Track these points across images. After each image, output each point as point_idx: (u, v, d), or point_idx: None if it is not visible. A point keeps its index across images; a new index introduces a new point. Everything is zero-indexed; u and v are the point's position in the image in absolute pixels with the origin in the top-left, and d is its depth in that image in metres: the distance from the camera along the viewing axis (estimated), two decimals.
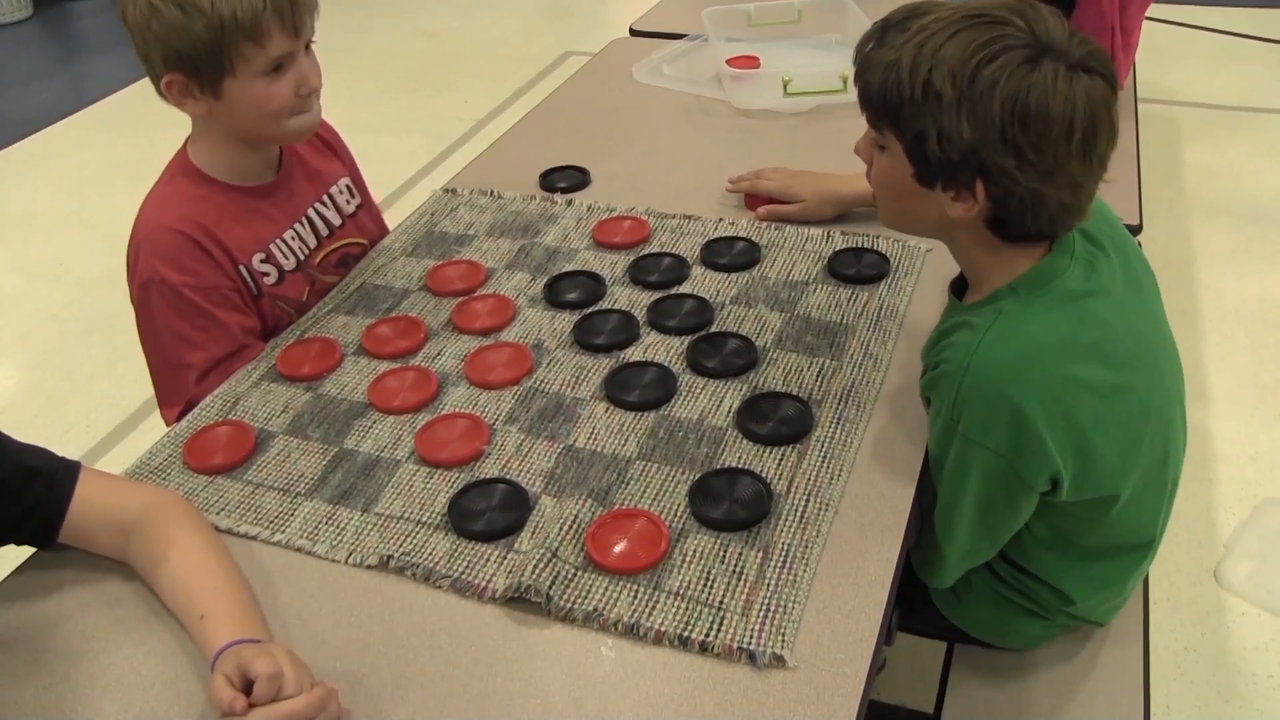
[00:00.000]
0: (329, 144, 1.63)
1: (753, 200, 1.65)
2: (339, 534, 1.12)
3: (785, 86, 1.89)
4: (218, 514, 1.16)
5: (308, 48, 1.41)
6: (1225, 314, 2.86)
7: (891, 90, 1.06)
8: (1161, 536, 1.29)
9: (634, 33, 2.41)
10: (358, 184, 1.67)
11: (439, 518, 1.13)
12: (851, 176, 1.52)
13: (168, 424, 1.40)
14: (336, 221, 1.58)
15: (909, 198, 1.12)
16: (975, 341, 1.09)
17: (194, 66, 1.33)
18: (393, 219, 1.73)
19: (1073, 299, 1.10)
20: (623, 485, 1.15)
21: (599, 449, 1.20)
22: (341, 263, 1.58)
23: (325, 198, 1.58)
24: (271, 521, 1.15)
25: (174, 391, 1.40)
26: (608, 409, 1.26)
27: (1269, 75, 4.16)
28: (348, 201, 1.62)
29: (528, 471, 1.18)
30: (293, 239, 1.51)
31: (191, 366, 1.38)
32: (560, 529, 1.08)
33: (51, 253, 3.52)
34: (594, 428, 1.24)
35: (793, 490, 1.13)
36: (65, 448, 1.11)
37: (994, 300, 1.12)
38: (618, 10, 5.37)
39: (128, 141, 4.25)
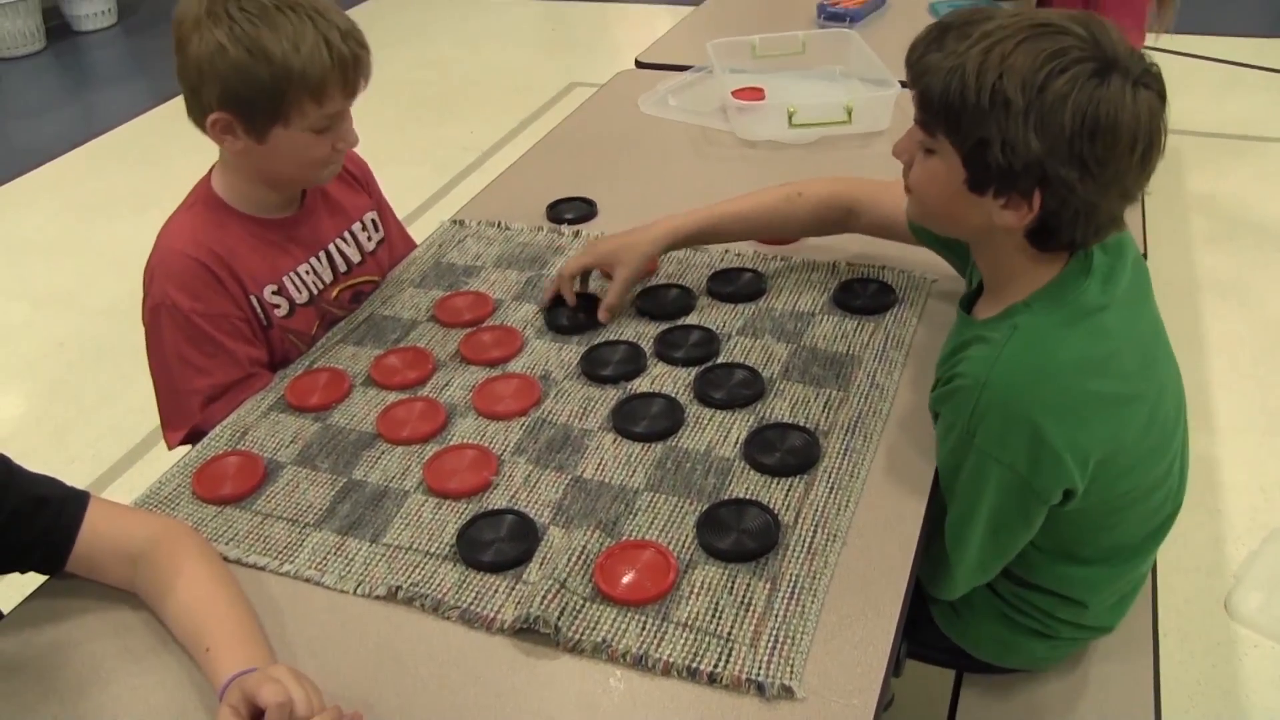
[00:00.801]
0: (357, 177, 1.65)
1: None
2: (348, 564, 1.13)
3: (790, 118, 1.91)
4: (227, 544, 1.16)
5: None
6: (1230, 341, 2.86)
7: (955, 95, 1.05)
8: (1166, 534, 1.29)
9: (640, 65, 2.42)
10: (384, 215, 1.69)
11: (447, 548, 1.13)
12: (688, 213, 1.53)
13: (170, 447, 1.42)
14: (356, 258, 1.60)
15: (954, 201, 1.12)
16: (993, 356, 1.09)
17: (249, 110, 1.34)
18: None
19: (1087, 314, 1.11)
20: (630, 516, 1.16)
21: (607, 480, 1.21)
22: (355, 299, 1.60)
23: (347, 233, 1.59)
24: (280, 552, 1.15)
25: (177, 415, 1.42)
26: (615, 440, 1.27)
27: (1271, 104, 4.18)
28: (370, 238, 1.63)
29: (536, 502, 1.18)
30: (307, 273, 1.52)
31: (197, 392, 1.40)
32: (569, 560, 1.08)
33: (60, 281, 3.54)
34: (602, 459, 1.24)
35: (800, 521, 1.14)
36: (72, 476, 1.11)
37: (1009, 316, 1.13)
38: (623, 41, 5.41)
39: (136, 172, 4.28)
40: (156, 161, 4.29)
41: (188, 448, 1.36)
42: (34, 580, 1.13)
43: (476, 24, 5.61)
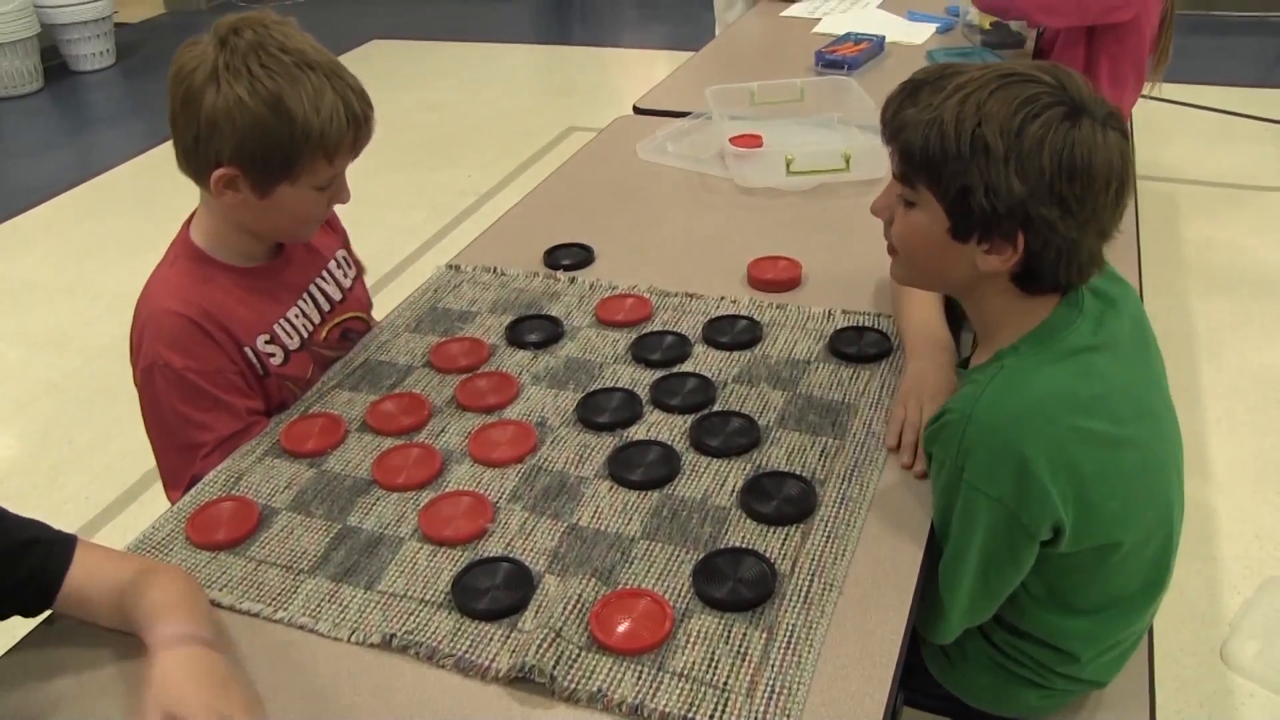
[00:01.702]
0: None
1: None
2: (342, 612, 1.12)
3: (788, 165, 1.92)
4: (220, 590, 1.15)
5: None
6: (1226, 390, 2.87)
7: (935, 145, 1.09)
8: (1162, 590, 1.29)
9: (638, 110, 2.44)
10: (350, 254, 1.69)
11: (442, 596, 1.12)
12: (932, 325, 1.44)
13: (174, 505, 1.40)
14: (337, 296, 1.59)
15: (938, 252, 1.15)
16: (978, 392, 1.12)
17: (259, 166, 1.33)
18: (395, 294, 1.75)
19: (1075, 353, 1.14)
20: (626, 564, 1.15)
21: (602, 528, 1.20)
22: (344, 338, 1.59)
23: (325, 273, 1.59)
24: (274, 599, 1.14)
25: (180, 474, 1.39)
26: (611, 488, 1.26)
27: (1266, 154, 4.21)
28: (345, 275, 1.63)
29: (531, 550, 1.18)
30: (296, 317, 1.52)
31: (199, 447, 1.38)
32: (564, 608, 1.08)
33: (54, 322, 3.54)
34: (598, 506, 1.24)
35: (797, 570, 1.13)
36: (64, 518, 1.11)
37: (998, 359, 1.16)
38: (621, 87, 5.46)
39: (132, 214, 4.30)
40: (153, 204, 4.30)
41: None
42: (15, 632, 1.12)
43: (475, 69, 5.66)
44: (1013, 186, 1.06)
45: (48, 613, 1.10)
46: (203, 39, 1.33)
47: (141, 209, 4.33)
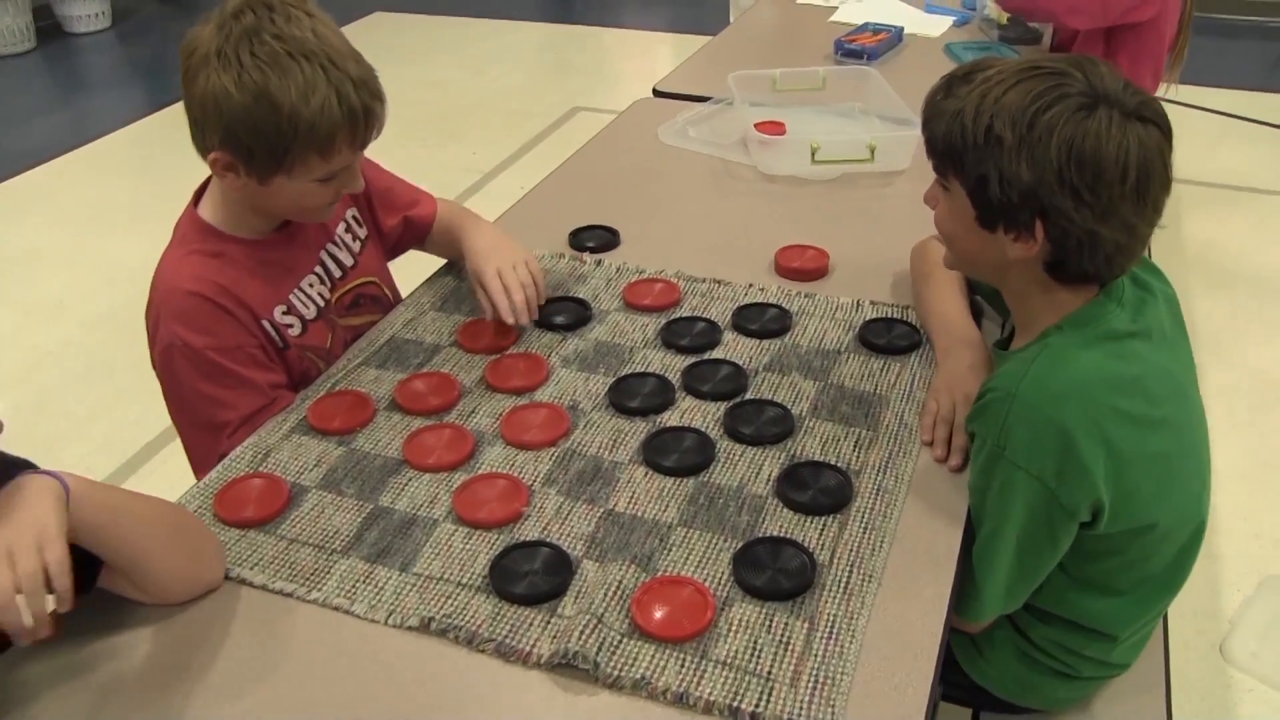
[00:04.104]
0: None
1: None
2: (378, 593, 1.11)
3: (813, 154, 1.91)
4: (252, 569, 1.15)
5: None
6: (1226, 389, 2.88)
7: (955, 136, 1.14)
8: (1189, 570, 1.31)
9: (657, 93, 2.43)
10: (378, 195, 1.63)
11: (480, 579, 1.12)
12: (956, 315, 1.44)
13: None
14: (349, 262, 1.57)
15: (972, 239, 1.20)
16: (1022, 370, 1.14)
17: (249, 156, 1.29)
18: (406, 269, 1.72)
19: (1115, 338, 1.17)
20: (665, 551, 1.15)
21: (639, 514, 1.20)
22: (355, 304, 1.57)
23: (336, 238, 1.56)
24: (307, 579, 1.13)
25: (208, 454, 1.37)
26: (647, 474, 1.26)
27: (1265, 156, 4.23)
28: (355, 238, 1.59)
29: (568, 535, 1.17)
30: (310, 286, 1.50)
31: (225, 426, 1.37)
32: (605, 595, 1.07)
33: (50, 291, 3.51)
34: (634, 492, 1.23)
35: (835, 561, 1.13)
36: None
37: (1041, 337, 1.18)
38: (625, 68, 5.45)
39: (129, 182, 4.26)
40: (151, 172, 4.26)
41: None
42: None
43: (477, 46, 5.62)
44: (1022, 175, 1.09)
45: None
46: (211, 16, 1.29)
47: (138, 176, 4.29)
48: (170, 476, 1.36)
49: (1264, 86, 4.81)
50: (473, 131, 4.52)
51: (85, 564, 1.05)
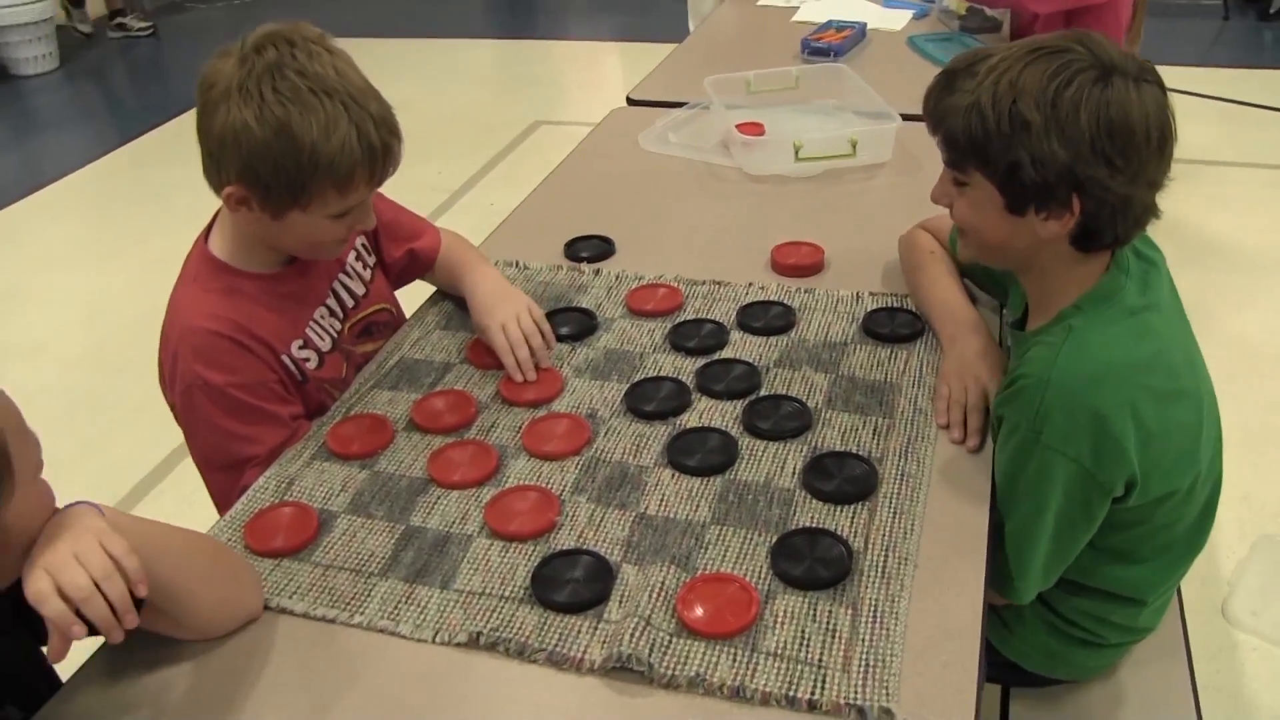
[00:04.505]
0: None
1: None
2: (421, 613, 1.12)
3: (797, 152, 1.94)
4: (290, 597, 1.15)
5: None
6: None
7: (977, 128, 1.14)
8: (1209, 530, 1.36)
9: (631, 102, 2.45)
10: (384, 226, 1.62)
11: (522, 591, 1.13)
12: (956, 306, 1.47)
13: None
14: (360, 291, 1.57)
15: (1000, 227, 1.20)
16: (1052, 356, 1.16)
17: (266, 191, 1.29)
18: (406, 287, 1.73)
19: (1132, 314, 1.19)
20: (702, 550, 1.16)
21: (671, 515, 1.21)
22: (365, 332, 1.58)
23: (347, 268, 1.56)
24: (349, 603, 1.14)
25: (233, 491, 1.35)
26: (674, 476, 1.28)
27: (1219, 130, 4.31)
28: (365, 266, 1.60)
29: (604, 540, 1.19)
30: (323, 318, 1.50)
31: (251, 461, 1.36)
32: (649, 597, 1.09)
33: (25, 332, 3.46)
34: (663, 495, 1.25)
35: (870, 547, 1.15)
36: None
37: (1061, 319, 1.20)
38: (583, 79, 5.46)
39: (87, 222, 4.22)
40: (113, 210, 4.23)
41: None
42: None
43: (433, 65, 5.60)
44: (1057, 154, 1.10)
45: None
46: (231, 50, 1.29)
47: (101, 215, 4.25)
48: (164, 513, 1.36)
49: (1205, 62, 4.91)
50: (437, 150, 4.52)
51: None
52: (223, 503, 1.40)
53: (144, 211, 4.07)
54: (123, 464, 2.78)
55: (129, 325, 3.18)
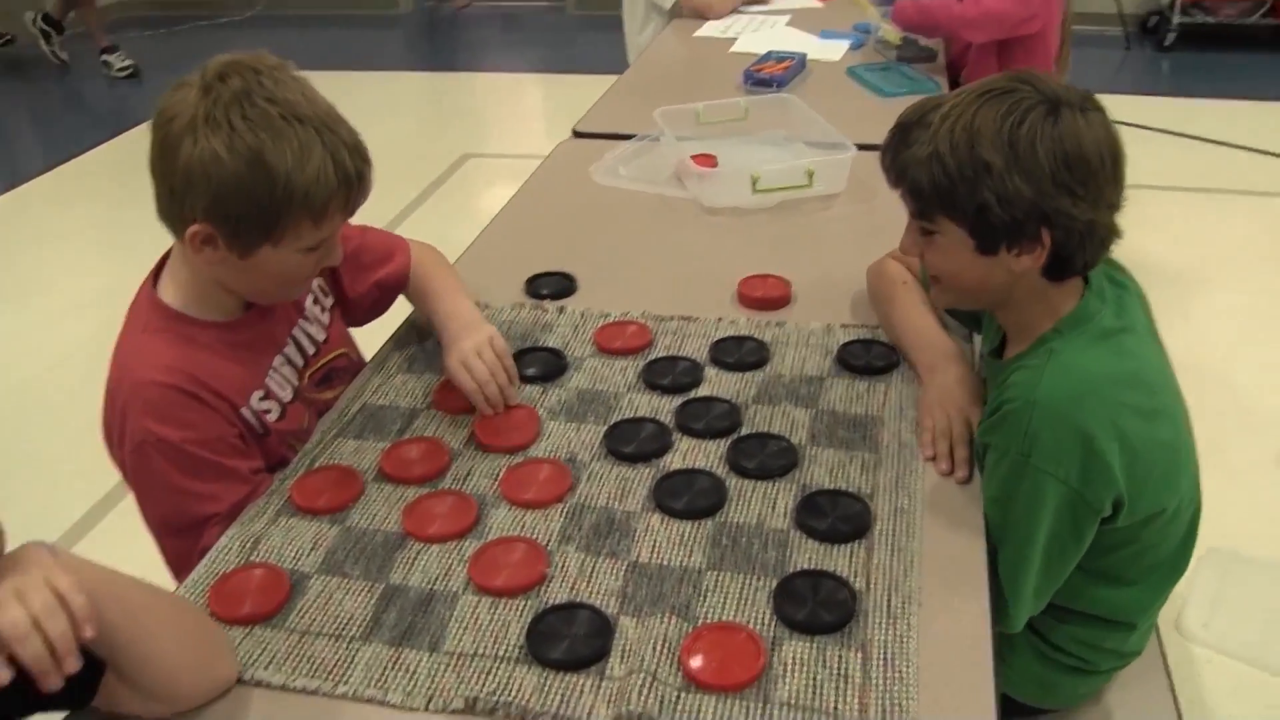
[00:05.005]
0: None
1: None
2: (410, 679, 1.06)
3: (754, 184, 1.92)
4: (266, 668, 1.08)
5: None
6: None
7: (940, 177, 1.16)
8: (1193, 552, 1.36)
9: (577, 134, 2.41)
10: (347, 258, 1.52)
11: (517, 650, 1.08)
12: (934, 338, 1.45)
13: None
14: (321, 336, 1.51)
15: (975, 269, 1.21)
16: (1036, 379, 1.17)
17: (236, 226, 1.22)
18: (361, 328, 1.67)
19: (1110, 335, 1.21)
20: (701, 598, 1.12)
21: (665, 562, 1.18)
22: (325, 379, 1.51)
23: (307, 312, 1.50)
24: (330, 672, 1.07)
25: (191, 554, 1.28)
26: (663, 520, 1.24)
27: (1141, 154, 4.43)
28: (323, 309, 1.54)
29: (598, 592, 1.14)
30: (283, 366, 1.43)
31: (210, 520, 1.29)
32: (653, 650, 1.05)
33: None
34: (654, 541, 1.21)
35: (872, 587, 1.12)
36: None
37: (1042, 343, 1.22)
38: (508, 111, 5.43)
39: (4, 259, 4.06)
40: (21, 248, 4.07)
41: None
42: None
43: (356, 98, 5.40)
44: (1022, 191, 1.13)
45: None
46: (190, 81, 1.22)
47: (11, 253, 4.09)
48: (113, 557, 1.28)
49: (1110, 90, 5.07)
50: None
51: (80, 676, 0.98)
52: (181, 567, 1.31)
53: (42, 255, 3.92)
54: (54, 512, 2.65)
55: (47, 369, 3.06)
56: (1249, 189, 4.24)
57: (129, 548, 1.34)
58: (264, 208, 1.21)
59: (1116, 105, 1.23)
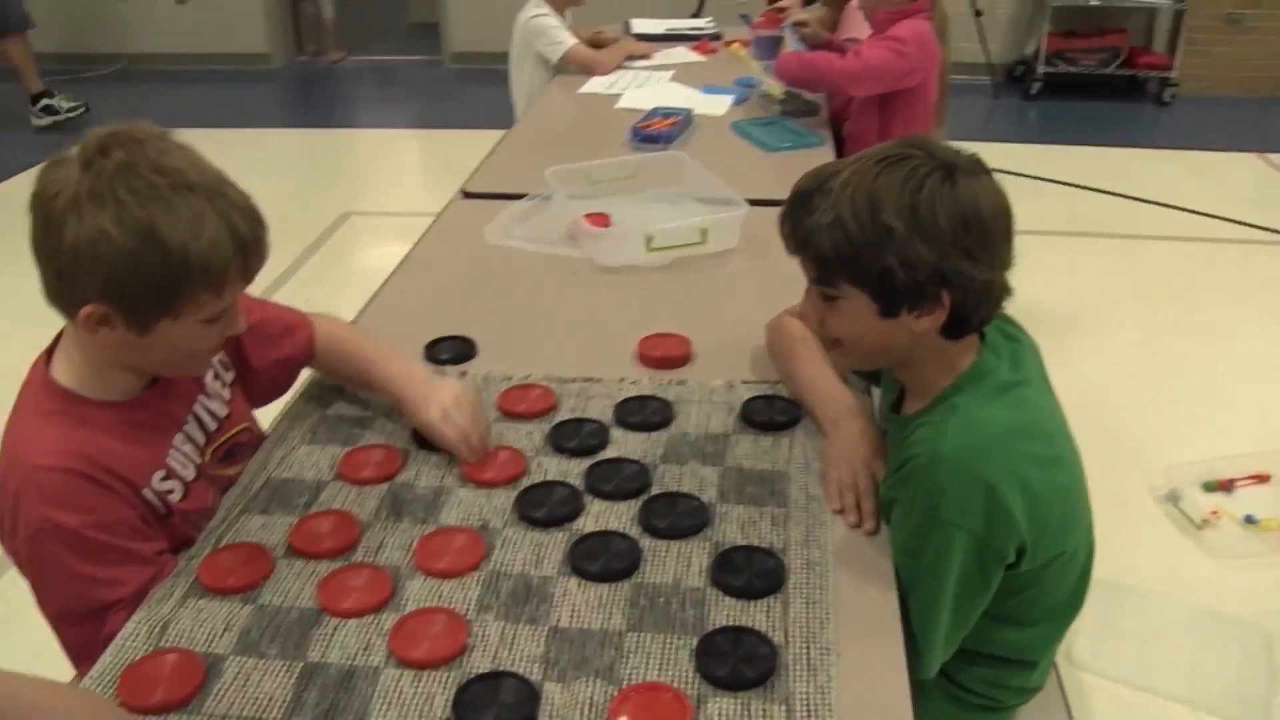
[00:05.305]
0: None
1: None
2: None
3: (649, 242, 1.96)
4: None
5: None
6: None
7: (843, 243, 1.19)
8: (1088, 589, 1.43)
9: (467, 195, 2.42)
10: (249, 330, 1.49)
11: None
12: (836, 392, 1.50)
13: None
14: (223, 412, 1.48)
15: (877, 333, 1.25)
16: (940, 435, 1.21)
17: (132, 304, 1.19)
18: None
19: (1007, 389, 1.26)
20: (624, 659, 1.14)
21: (586, 626, 1.19)
22: (229, 455, 1.48)
23: (208, 387, 1.47)
24: None
25: (94, 642, 1.23)
26: (580, 584, 1.25)
27: (1011, 200, 4.64)
28: (224, 385, 1.51)
29: (521, 659, 1.15)
30: (184, 444, 1.40)
31: (115, 605, 1.25)
32: (580, 714, 1.06)
33: None
34: (573, 605, 1.22)
35: (791, 640, 1.15)
36: None
37: (943, 399, 1.26)
38: (389, 168, 5.40)
39: None
40: None
41: None
42: None
43: (231, 157, 5.19)
44: (924, 255, 1.17)
45: None
46: (69, 156, 1.19)
47: None
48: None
49: (980, 137, 5.31)
50: None
51: None
52: (83, 655, 1.27)
53: None
54: None
55: None
56: (1111, 232, 4.48)
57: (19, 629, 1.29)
58: (160, 283, 1.18)
59: (987, 152, 1.29)
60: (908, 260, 1.17)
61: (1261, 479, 2.82)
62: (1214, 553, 2.61)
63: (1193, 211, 4.60)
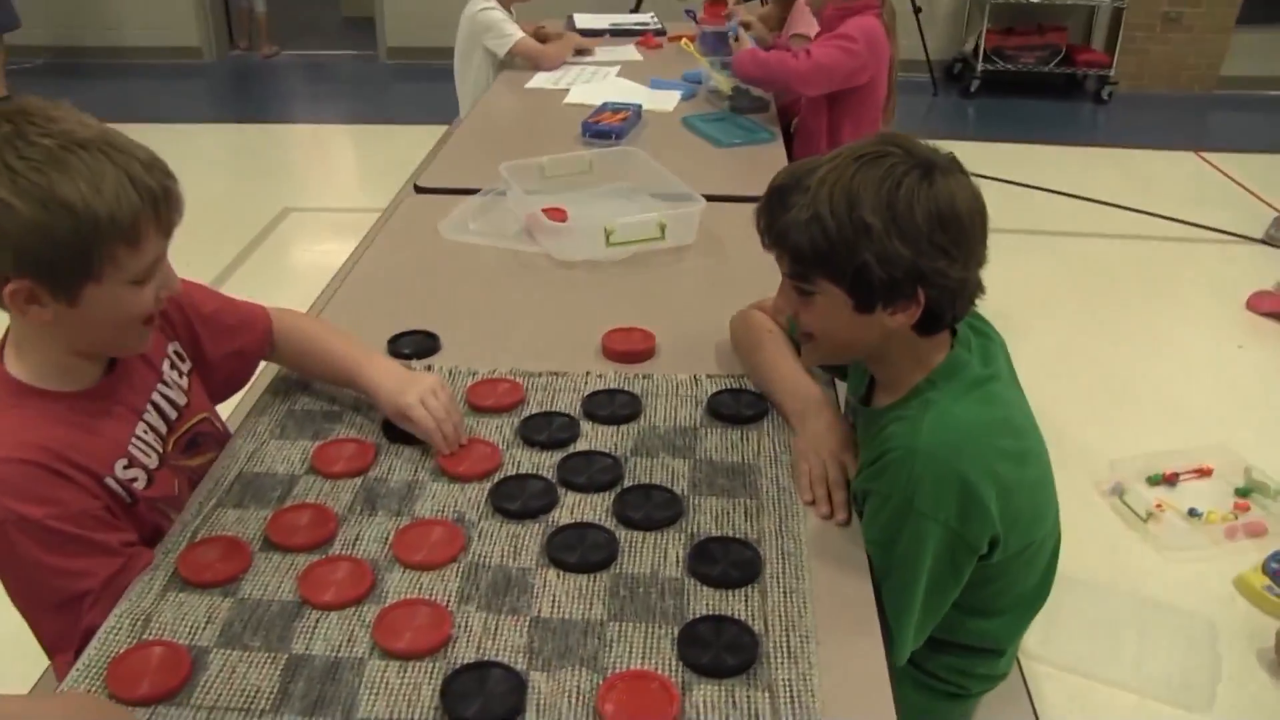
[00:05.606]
0: None
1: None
2: None
3: (608, 237, 1.98)
4: None
5: None
6: None
7: (820, 239, 1.21)
8: (1053, 579, 1.47)
9: (419, 189, 2.42)
10: (203, 321, 1.53)
11: (432, 712, 1.09)
12: (802, 383, 1.54)
13: (61, 674, 1.21)
14: (182, 401, 1.47)
15: (850, 328, 1.27)
16: (916, 429, 1.24)
17: (51, 272, 1.18)
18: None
19: (979, 384, 1.29)
20: (607, 649, 1.16)
21: (567, 616, 1.21)
22: (193, 443, 1.48)
23: (165, 377, 1.46)
24: None
25: (70, 634, 1.23)
26: (559, 575, 1.27)
27: None
28: (181, 375, 1.50)
29: (505, 649, 1.16)
30: (146, 433, 1.39)
31: (82, 596, 1.24)
32: (569, 703, 1.08)
33: None
34: (553, 596, 1.24)
35: (770, 629, 1.18)
36: None
37: (918, 394, 1.29)
38: (328, 164, 5.34)
39: None
40: None
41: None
42: None
43: (165, 153, 5.23)
44: (900, 252, 1.19)
45: None
46: None
47: None
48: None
49: (921, 135, 5.40)
50: (183, 244, 4.24)
51: None
52: (60, 646, 1.26)
53: None
54: None
55: None
56: (1050, 229, 4.56)
57: None
58: (72, 245, 1.17)
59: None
60: (885, 257, 1.19)
61: (1204, 473, 2.91)
62: (1159, 545, 2.69)
63: (1130, 209, 4.70)
